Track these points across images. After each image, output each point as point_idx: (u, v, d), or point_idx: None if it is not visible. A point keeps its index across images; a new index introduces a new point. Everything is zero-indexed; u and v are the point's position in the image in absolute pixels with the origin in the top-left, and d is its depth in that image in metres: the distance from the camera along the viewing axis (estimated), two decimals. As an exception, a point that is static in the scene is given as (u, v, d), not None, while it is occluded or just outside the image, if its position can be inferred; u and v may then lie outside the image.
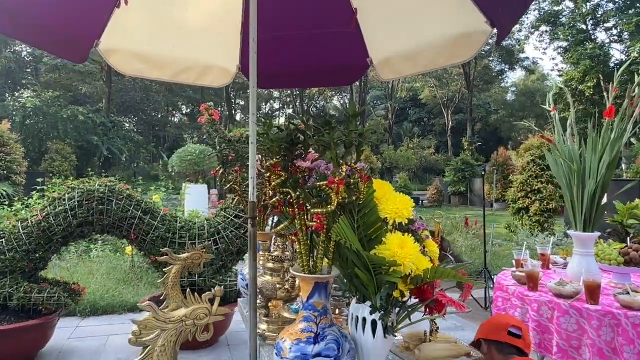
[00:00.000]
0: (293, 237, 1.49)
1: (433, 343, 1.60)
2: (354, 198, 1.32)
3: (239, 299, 2.56)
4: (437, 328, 1.64)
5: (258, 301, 2.01)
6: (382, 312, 1.40)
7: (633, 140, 20.57)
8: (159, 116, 38.07)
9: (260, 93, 40.93)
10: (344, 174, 1.25)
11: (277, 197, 1.48)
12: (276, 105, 45.39)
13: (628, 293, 2.14)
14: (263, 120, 1.51)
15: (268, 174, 1.49)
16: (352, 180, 1.30)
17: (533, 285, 2.47)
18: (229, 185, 2.43)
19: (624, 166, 18.58)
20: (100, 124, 23.14)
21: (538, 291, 2.45)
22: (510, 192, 10.50)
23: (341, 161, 1.27)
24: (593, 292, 2.21)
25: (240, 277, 2.43)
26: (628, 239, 3.52)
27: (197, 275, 3.76)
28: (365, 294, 1.46)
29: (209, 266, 3.82)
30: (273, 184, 1.44)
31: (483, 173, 6.49)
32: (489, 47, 35.12)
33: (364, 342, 1.45)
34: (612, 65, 20.53)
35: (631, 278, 2.64)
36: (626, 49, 20.74)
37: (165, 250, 2.23)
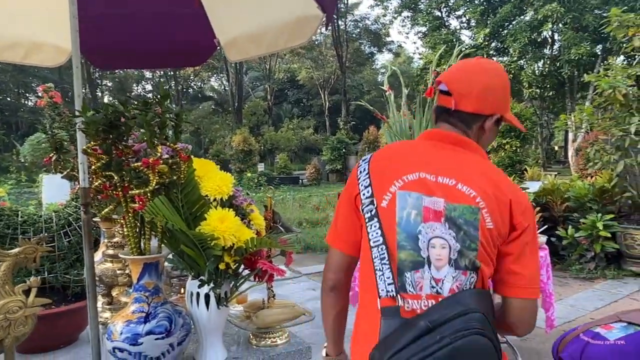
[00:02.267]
0: (122, 221, 1.48)
1: (269, 309, 1.72)
2: (175, 177, 1.35)
3: (87, 291, 2.45)
4: (274, 295, 1.76)
5: (100, 289, 1.96)
6: (212, 285, 1.47)
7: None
8: (8, 99, 33.43)
9: (129, 73, 37.96)
10: (159, 154, 1.27)
11: (100, 181, 1.45)
12: (149, 87, 42.61)
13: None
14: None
15: (89, 158, 1.44)
16: (171, 161, 1.33)
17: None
18: (65, 173, 2.29)
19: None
20: None
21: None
22: (378, 167, 11.30)
23: (156, 142, 1.29)
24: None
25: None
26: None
27: (46, 272, 3.48)
28: (198, 270, 1.51)
29: (61, 260, 3.56)
30: (93, 167, 1.41)
31: (357, 150, 6.91)
32: (358, 30, 36.76)
33: (199, 315, 1.51)
34: (463, 49, 22.91)
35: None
36: (473, 35, 23.26)
37: (-9, 246, 2.04)
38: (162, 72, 38.66)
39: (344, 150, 23.12)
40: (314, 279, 5.48)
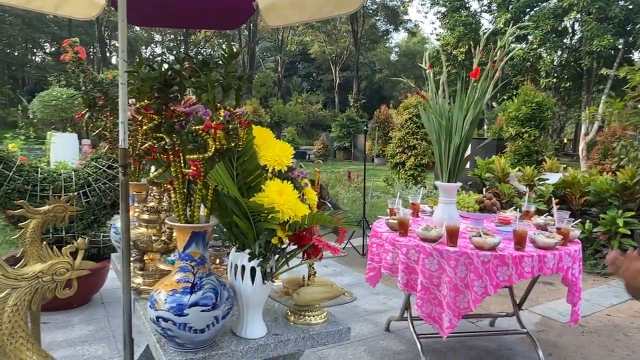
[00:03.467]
0: (168, 186, 1.41)
1: (310, 286, 1.66)
2: (233, 144, 1.28)
3: (112, 254, 2.40)
4: (315, 272, 1.70)
5: (133, 254, 1.90)
6: (261, 259, 1.41)
7: (494, 103, 23.04)
8: (16, 54, 33.07)
9: (139, 34, 37.46)
10: (221, 118, 1.19)
11: (150, 143, 1.37)
12: (158, 50, 42.11)
13: (480, 235, 2.43)
14: (137, 58, 1.37)
15: (140, 118, 1.36)
16: (230, 126, 1.25)
17: (403, 231, 2.69)
18: (97, 132, 2.21)
19: (485, 126, 20.82)
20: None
21: (407, 236, 2.67)
22: (389, 148, 11.19)
23: (219, 105, 1.20)
24: (453, 235, 2.47)
25: (113, 231, 2.26)
26: (484, 189, 3.98)
27: (64, 231, 3.44)
28: (245, 242, 1.45)
29: (79, 220, 3.52)
30: (144, 127, 1.33)
31: (365, 129, 6.79)
32: (375, 6, 35.99)
33: (242, 289, 1.46)
34: (481, 33, 22.44)
35: (484, 223, 3.00)
36: (494, 19, 22.74)
37: (21, 202, 1.98)
38: (172, 36, 38.11)
39: (353, 128, 22.91)
40: (326, 256, 5.45)
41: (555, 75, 20.33)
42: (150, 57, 40.17)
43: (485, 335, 3.28)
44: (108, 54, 36.04)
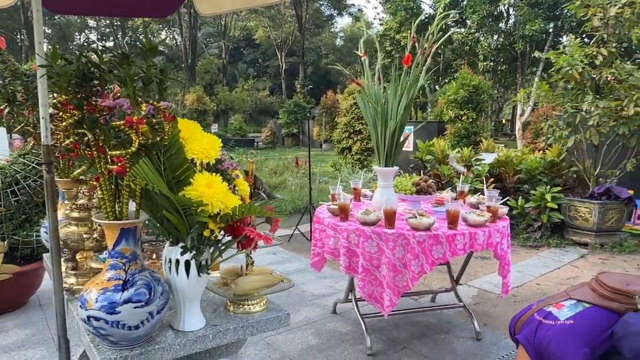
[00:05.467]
0: (95, 183, 1.37)
1: (248, 276, 1.68)
2: (158, 138, 1.26)
3: (44, 254, 2.31)
4: (253, 262, 1.72)
5: (64, 254, 1.84)
6: (194, 252, 1.41)
7: (437, 87, 23.72)
8: None
9: (71, 20, 35.28)
10: (143, 112, 1.17)
11: (72, 139, 1.33)
12: (93, 36, 39.87)
13: (415, 217, 2.54)
14: (51, 49, 1.31)
15: (60, 113, 1.31)
16: (154, 120, 1.23)
17: (344, 216, 2.75)
18: (19, 127, 2.10)
19: (428, 110, 21.43)
20: None
21: (348, 221, 2.74)
22: (336, 133, 11.30)
23: (140, 99, 1.18)
24: (390, 218, 2.56)
25: (43, 230, 2.17)
26: (422, 171, 4.13)
27: (-8, 232, 3.26)
28: (178, 236, 1.44)
29: (8, 221, 3.33)
30: (64, 123, 1.28)
31: (308, 115, 6.82)
32: (319, -9, 35.81)
33: (178, 283, 1.46)
34: (423, 18, 22.91)
35: (421, 204, 3.13)
36: (433, 4, 23.25)
37: (-64, 205, 1.86)
38: (108, 22, 36.21)
39: (300, 114, 22.89)
40: (288, 249, 5.47)
41: (492, 58, 21.17)
42: (85, 43, 38.07)
43: (426, 311, 3.44)
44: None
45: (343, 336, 3.10)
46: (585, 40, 7.50)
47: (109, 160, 1.32)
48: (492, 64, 21.47)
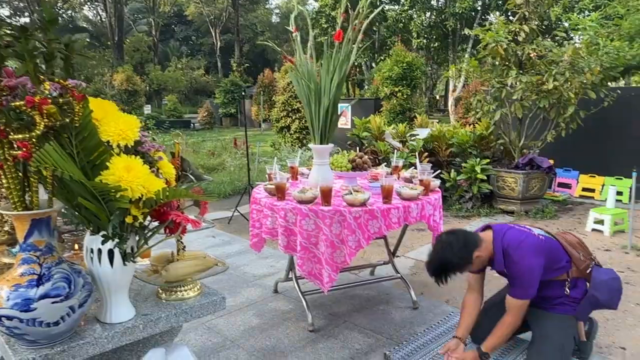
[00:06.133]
0: (-1, 171, 1.25)
1: (179, 262, 1.63)
2: (68, 120, 1.16)
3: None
4: (184, 247, 1.66)
5: (-29, 250, 1.68)
6: (117, 240, 1.33)
7: (374, 64, 23.99)
8: None
9: (-23, -7, 31.92)
10: (46, 91, 1.07)
11: (-34, 123, 1.19)
12: (5, 12, 36.41)
13: (351, 193, 2.56)
14: None
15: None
16: (61, 100, 1.13)
17: (281, 195, 2.73)
18: None
19: (365, 87, 21.68)
20: None
21: (285, 200, 2.72)
22: (274, 112, 11.17)
23: (43, 77, 1.08)
24: (326, 195, 2.57)
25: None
26: (358, 148, 4.18)
27: None
28: (99, 224, 1.35)
29: None
30: (-45, 105, 1.15)
31: (243, 93, 6.68)
32: (252, -35, 34.75)
33: (102, 274, 1.38)
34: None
35: (357, 180, 3.17)
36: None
37: None
38: (22, -5, 33.17)
39: (237, 93, 22.38)
40: (229, 231, 5.37)
41: (425, 36, 21.69)
42: (-4, 19, 34.71)
43: (365, 284, 3.53)
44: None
45: (285, 314, 3.11)
46: (510, 18, 7.83)
47: (13, 145, 1.20)
48: (425, 41, 21.99)
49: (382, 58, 19.30)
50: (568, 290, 2.32)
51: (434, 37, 22.31)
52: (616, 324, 2.92)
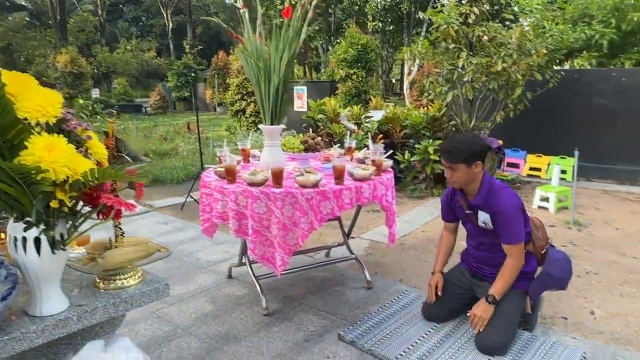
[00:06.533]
0: None
1: (117, 248, 1.54)
2: (-23, 95, 1.05)
3: None
4: (123, 233, 1.57)
5: None
6: (44, 227, 1.23)
7: (330, 47, 23.86)
8: None
9: None
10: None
11: None
12: None
13: (302, 174, 2.52)
14: None
15: None
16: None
17: (231, 178, 2.65)
18: None
19: (322, 69, 21.58)
20: None
21: (235, 183, 2.64)
22: (228, 95, 10.92)
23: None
24: (278, 177, 2.51)
25: None
26: (311, 130, 4.13)
27: None
28: (22, 210, 1.25)
29: None
30: None
31: (194, 75, 6.46)
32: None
33: (28, 264, 1.28)
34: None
35: (310, 162, 3.13)
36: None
37: None
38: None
39: (191, 76, 21.71)
40: (165, 213, 5.21)
41: (381, 18, 21.75)
42: None
43: (321, 266, 3.52)
44: None
45: (239, 300, 3.06)
46: (462, 0, 7.93)
47: None
48: (380, 24, 22.07)
49: (338, 41, 19.22)
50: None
51: (389, 20, 22.42)
52: (559, 296, 3.06)
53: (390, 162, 3.03)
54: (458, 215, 2.65)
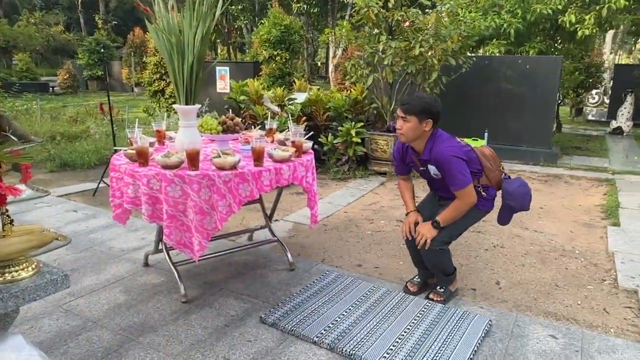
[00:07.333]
0: None
1: (5, 238, 1.39)
2: None
3: None
4: (11, 221, 1.42)
5: None
6: None
7: (255, 28, 23.32)
8: None
9: None
10: None
11: None
12: None
13: (219, 156, 2.44)
14: None
15: None
16: None
17: (143, 161, 2.50)
18: None
19: (246, 51, 21.07)
20: None
21: (148, 166, 2.50)
22: (146, 75, 10.33)
23: None
24: (193, 159, 2.41)
25: None
26: (231, 111, 4.02)
27: None
28: None
29: None
30: None
31: (103, 51, 6.01)
32: None
33: None
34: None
35: (230, 144, 3.04)
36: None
37: None
38: None
39: (105, 53, 20.26)
40: (75, 200, 4.85)
41: (305, 1, 21.57)
42: None
43: (243, 250, 3.46)
44: None
45: (156, 288, 2.93)
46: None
47: None
48: (305, 6, 21.89)
49: (262, 21, 18.83)
50: (484, 194, 2.67)
51: (314, 2, 22.30)
52: (469, 269, 3.26)
53: (310, 144, 3.03)
54: (415, 170, 2.82)
